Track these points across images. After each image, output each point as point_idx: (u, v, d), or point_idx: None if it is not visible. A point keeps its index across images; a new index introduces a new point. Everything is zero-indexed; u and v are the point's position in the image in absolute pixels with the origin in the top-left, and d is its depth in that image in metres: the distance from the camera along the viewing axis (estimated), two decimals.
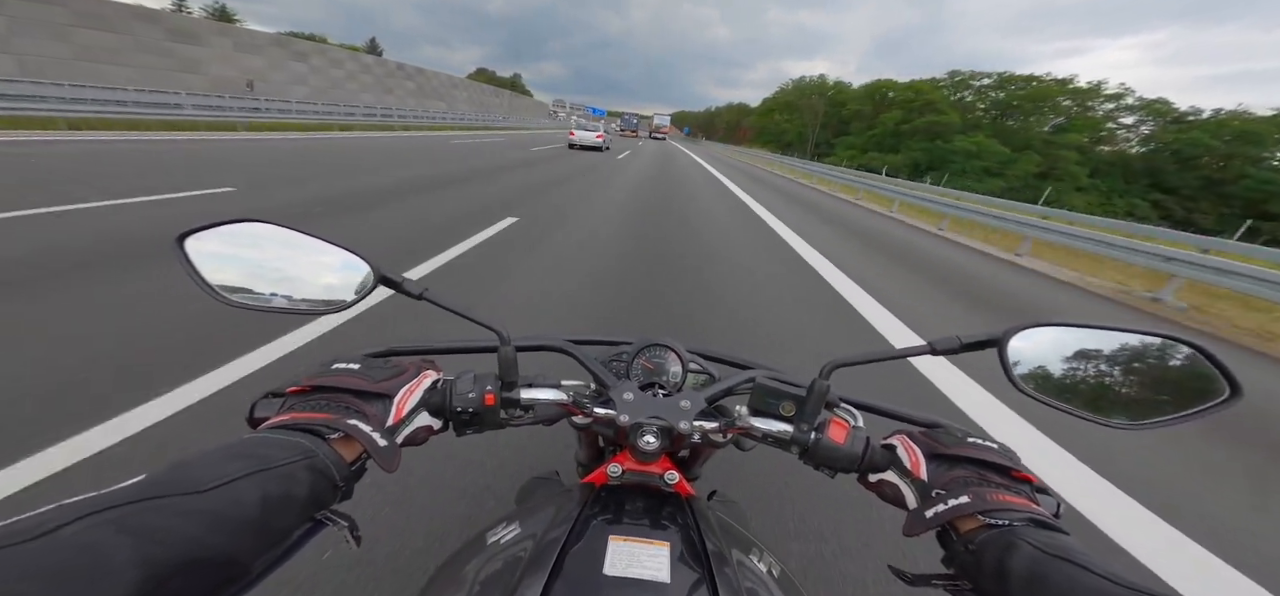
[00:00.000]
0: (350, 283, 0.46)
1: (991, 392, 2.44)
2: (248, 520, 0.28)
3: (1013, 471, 0.41)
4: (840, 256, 5.55)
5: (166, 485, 0.26)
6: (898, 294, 4.36)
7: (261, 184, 6.03)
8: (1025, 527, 0.35)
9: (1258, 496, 2.03)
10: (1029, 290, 5.63)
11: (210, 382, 1.85)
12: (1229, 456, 2.32)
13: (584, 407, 0.49)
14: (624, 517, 0.45)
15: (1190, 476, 2.08)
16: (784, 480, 1.64)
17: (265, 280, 0.44)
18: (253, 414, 0.42)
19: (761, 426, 0.49)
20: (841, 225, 8.60)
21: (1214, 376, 0.39)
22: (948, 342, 0.42)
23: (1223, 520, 1.81)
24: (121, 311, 2.35)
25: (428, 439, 0.47)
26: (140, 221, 3.87)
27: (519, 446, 1.66)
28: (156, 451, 1.51)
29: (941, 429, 0.47)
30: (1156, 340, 0.41)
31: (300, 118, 15.97)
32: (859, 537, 1.45)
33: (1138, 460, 2.09)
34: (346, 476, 0.37)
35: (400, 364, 0.47)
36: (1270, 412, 2.93)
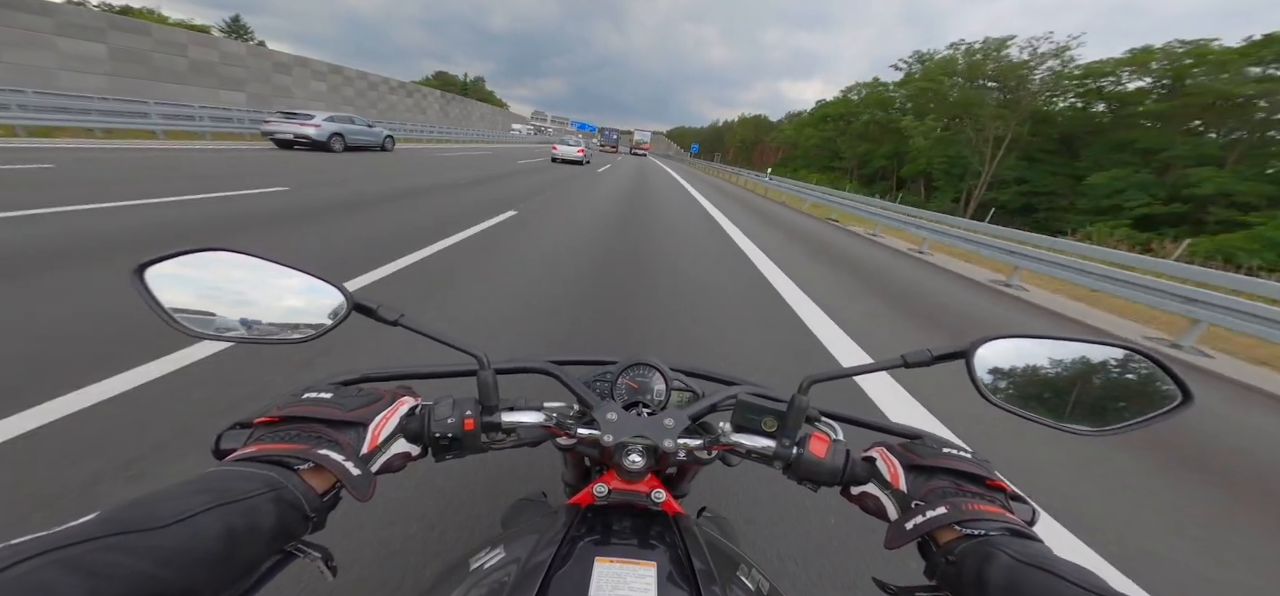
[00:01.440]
0: (323, 310, 0.45)
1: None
2: (209, 554, 0.27)
3: (988, 480, 0.42)
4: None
5: (122, 522, 0.25)
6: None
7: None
8: (1001, 537, 0.36)
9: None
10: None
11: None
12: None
13: (568, 429, 0.49)
14: (611, 538, 0.44)
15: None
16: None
17: (232, 310, 0.43)
18: (218, 446, 0.40)
19: (745, 442, 0.50)
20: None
21: (1167, 383, 0.41)
22: (919, 355, 0.44)
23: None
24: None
25: (405, 465, 0.46)
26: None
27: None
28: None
29: (919, 440, 0.48)
30: (1115, 350, 0.43)
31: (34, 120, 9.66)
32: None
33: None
34: (318, 507, 0.36)
35: (376, 390, 0.46)
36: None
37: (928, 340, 3.67)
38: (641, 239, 6.08)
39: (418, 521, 1.38)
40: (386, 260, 3.72)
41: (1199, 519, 1.97)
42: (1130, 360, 0.43)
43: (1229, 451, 2.63)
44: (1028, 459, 2.16)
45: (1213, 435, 2.76)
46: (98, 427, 1.59)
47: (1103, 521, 1.82)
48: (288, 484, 0.34)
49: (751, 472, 1.66)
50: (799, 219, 11.85)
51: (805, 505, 1.58)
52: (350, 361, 2.15)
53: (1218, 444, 2.68)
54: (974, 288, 6.38)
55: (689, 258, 5.39)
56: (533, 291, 3.54)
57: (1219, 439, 2.74)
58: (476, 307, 3.15)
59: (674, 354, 2.68)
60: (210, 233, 4.10)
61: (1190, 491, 2.16)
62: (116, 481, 1.39)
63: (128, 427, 1.60)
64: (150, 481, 1.45)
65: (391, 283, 3.39)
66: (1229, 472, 2.38)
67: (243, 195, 5.67)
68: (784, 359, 2.93)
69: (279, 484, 0.33)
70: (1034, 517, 0.41)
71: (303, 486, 0.35)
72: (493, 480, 1.55)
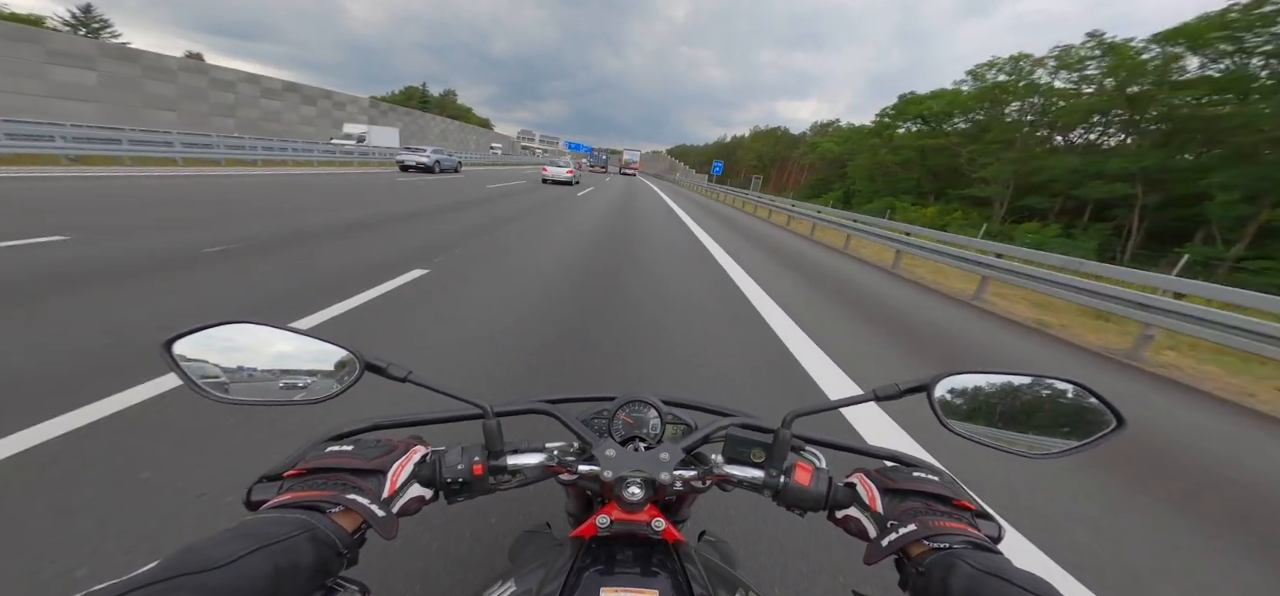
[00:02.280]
0: (336, 372, 0.49)
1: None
2: (258, 592, 0.30)
3: (955, 500, 0.46)
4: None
5: (181, 566, 0.29)
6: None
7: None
8: (964, 550, 0.40)
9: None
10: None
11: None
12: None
13: (569, 466, 0.52)
14: (615, 567, 0.46)
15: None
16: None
17: (254, 377, 0.46)
18: (249, 497, 0.44)
19: (736, 473, 0.53)
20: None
21: (1103, 411, 0.46)
22: (888, 389, 0.48)
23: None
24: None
25: (420, 509, 0.49)
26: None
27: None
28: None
29: (896, 465, 0.52)
30: (1057, 383, 0.48)
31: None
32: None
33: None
34: (349, 544, 0.40)
35: (390, 441, 0.50)
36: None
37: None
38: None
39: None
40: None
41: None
42: (1072, 391, 0.48)
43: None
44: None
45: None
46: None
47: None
48: (320, 525, 0.37)
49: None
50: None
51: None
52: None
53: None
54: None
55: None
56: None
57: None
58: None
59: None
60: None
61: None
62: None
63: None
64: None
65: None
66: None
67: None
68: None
69: (313, 526, 0.37)
70: (1000, 533, 0.45)
71: (334, 526, 0.39)
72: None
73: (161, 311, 3.02)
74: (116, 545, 1.34)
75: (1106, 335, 5.71)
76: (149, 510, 1.47)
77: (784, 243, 11.16)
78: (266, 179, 11.42)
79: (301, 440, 0.49)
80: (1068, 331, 5.71)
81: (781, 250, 9.60)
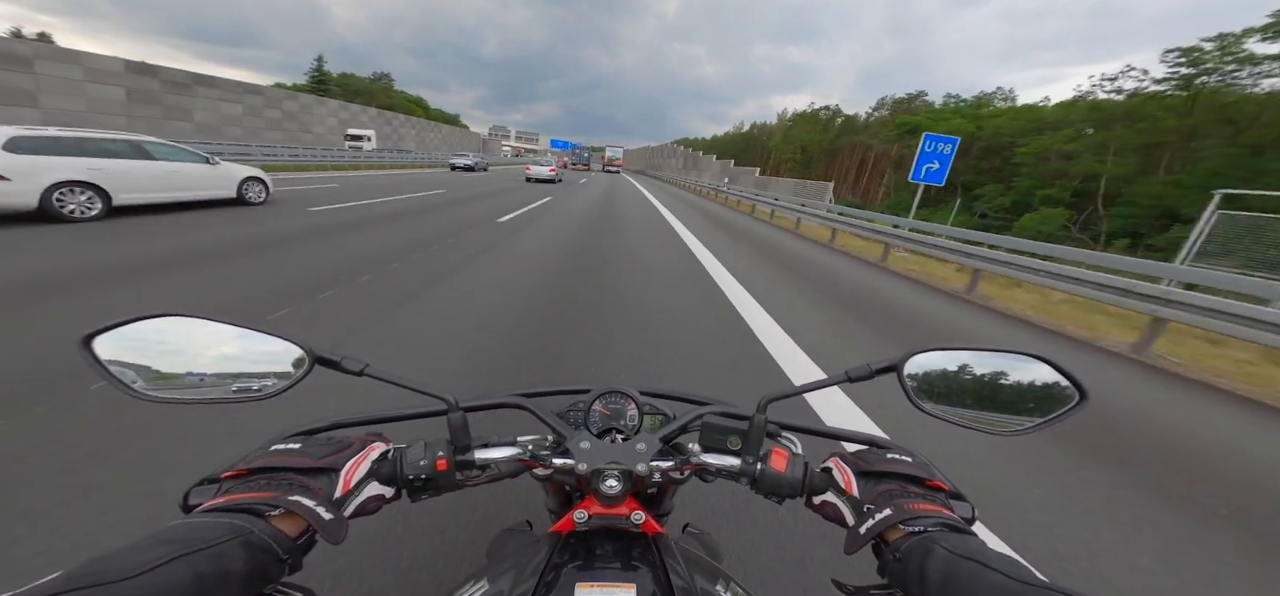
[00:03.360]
0: (284, 366, 0.46)
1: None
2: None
3: (928, 481, 0.46)
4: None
5: (87, 577, 0.26)
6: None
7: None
8: (939, 533, 0.40)
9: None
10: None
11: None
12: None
13: (543, 460, 0.50)
14: (593, 563, 0.46)
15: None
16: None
17: (189, 373, 0.43)
18: (186, 502, 0.41)
19: (713, 462, 0.52)
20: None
21: (1066, 385, 0.47)
22: (860, 370, 0.48)
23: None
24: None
25: (380, 508, 0.47)
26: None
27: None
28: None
29: (870, 448, 0.52)
30: (1021, 357, 0.49)
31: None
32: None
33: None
34: (291, 549, 0.37)
35: (345, 438, 0.47)
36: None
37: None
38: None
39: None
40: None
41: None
42: (1032, 364, 0.48)
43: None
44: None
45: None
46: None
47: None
48: (255, 529, 0.35)
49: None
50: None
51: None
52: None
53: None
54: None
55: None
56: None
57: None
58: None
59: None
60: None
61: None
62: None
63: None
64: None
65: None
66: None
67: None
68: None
69: (246, 529, 0.34)
70: (973, 515, 0.45)
71: (272, 531, 0.36)
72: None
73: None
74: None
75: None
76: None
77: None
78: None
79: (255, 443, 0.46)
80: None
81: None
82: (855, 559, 0.45)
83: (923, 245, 7.64)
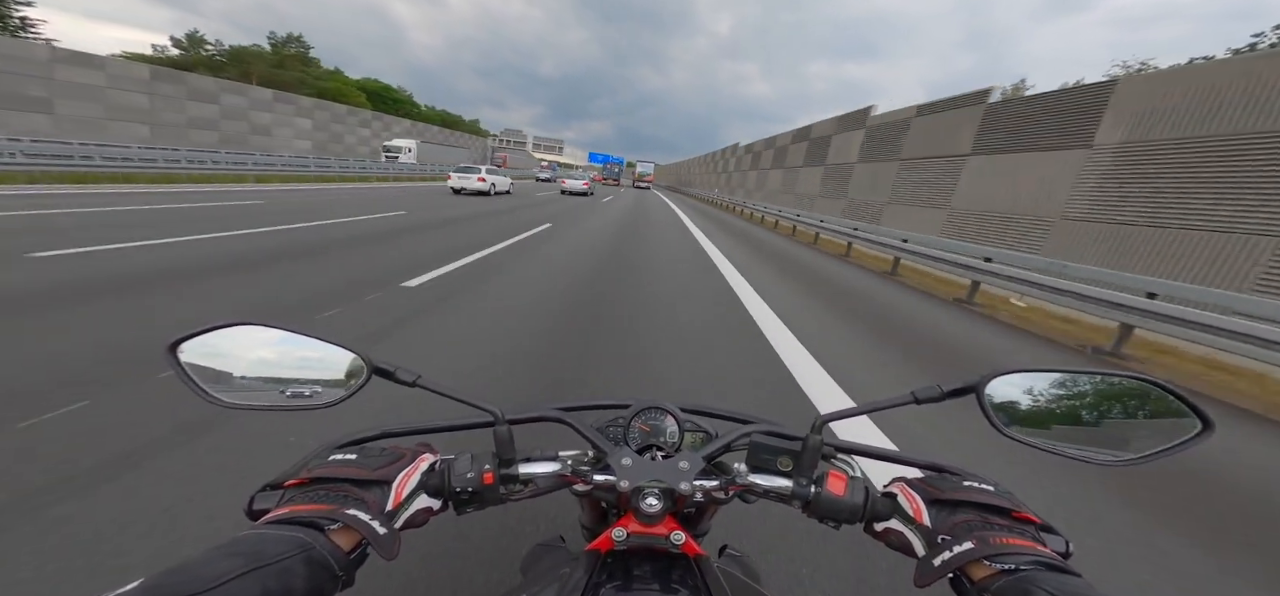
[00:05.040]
0: (344, 375, 0.48)
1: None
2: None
3: (1014, 513, 0.41)
4: None
5: (163, 589, 0.27)
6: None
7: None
8: (1037, 572, 0.35)
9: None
10: None
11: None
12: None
13: (583, 476, 0.49)
14: (633, 584, 0.44)
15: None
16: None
17: (260, 380, 0.46)
18: (252, 506, 0.42)
19: (762, 483, 0.50)
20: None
21: (1184, 412, 0.41)
22: (929, 391, 0.44)
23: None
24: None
25: (428, 520, 0.47)
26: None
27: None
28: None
29: (940, 474, 0.48)
30: (1125, 379, 0.43)
31: None
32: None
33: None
34: (346, 566, 0.38)
35: (397, 449, 0.48)
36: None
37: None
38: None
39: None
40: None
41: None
42: (1144, 388, 0.42)
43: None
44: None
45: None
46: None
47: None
48: (316, 545, 0.35)
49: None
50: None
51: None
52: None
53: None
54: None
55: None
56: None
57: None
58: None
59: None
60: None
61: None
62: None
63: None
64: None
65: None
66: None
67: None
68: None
69: (309, 545, 0.35)
70: (1068, 550, 0.40)
71: (330, 546, 0.36)
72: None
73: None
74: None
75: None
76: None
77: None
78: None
79: (309, 448, 0.47)
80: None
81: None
82: (924, 593, 0.40)
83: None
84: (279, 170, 16.01)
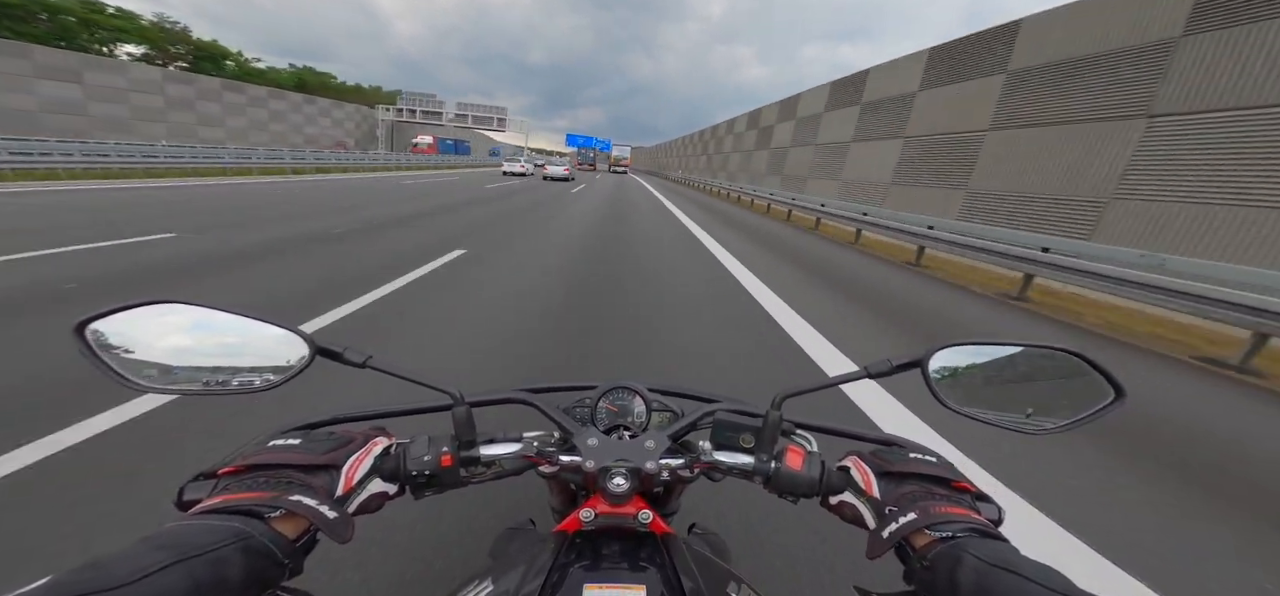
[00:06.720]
0: (284, 357, 0.44)
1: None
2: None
3: (954, 482, 0.44)
4: None
5: (74, 585, 0.25)
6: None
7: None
8: (969, 539, 0.37)
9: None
10: None
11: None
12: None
13: (549, 457, 0.49)
14: (600, 563, 0.44)
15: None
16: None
17: (185, 363, 0.42)
18: (181, 498, 0.39)
19: (725, 460, 0.51)
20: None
21: (1101, 382, 0.44)
22: (880, 365, 0.46)
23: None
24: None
25: (383, 505, 0.46)
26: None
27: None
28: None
29: (890, 447, 0.50)
30: (1051, 353, 0.47)
31: None
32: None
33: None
34: (292, 553, 0.36)
35: (347, 433, 0.46)
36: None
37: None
38: None
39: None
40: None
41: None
42: (1064, 359, 0.46)
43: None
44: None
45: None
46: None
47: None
48: (254, 533, 0.33)
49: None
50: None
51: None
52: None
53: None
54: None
55: None
56: None
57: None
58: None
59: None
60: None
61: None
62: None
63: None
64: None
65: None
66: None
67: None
68: None
69: (245, 533, 0.33)
70: (1000, 516, 0.43)
71: (272, 533, 0.35)
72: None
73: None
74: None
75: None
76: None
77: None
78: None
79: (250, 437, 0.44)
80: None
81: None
82: (878, 565, 0.43)
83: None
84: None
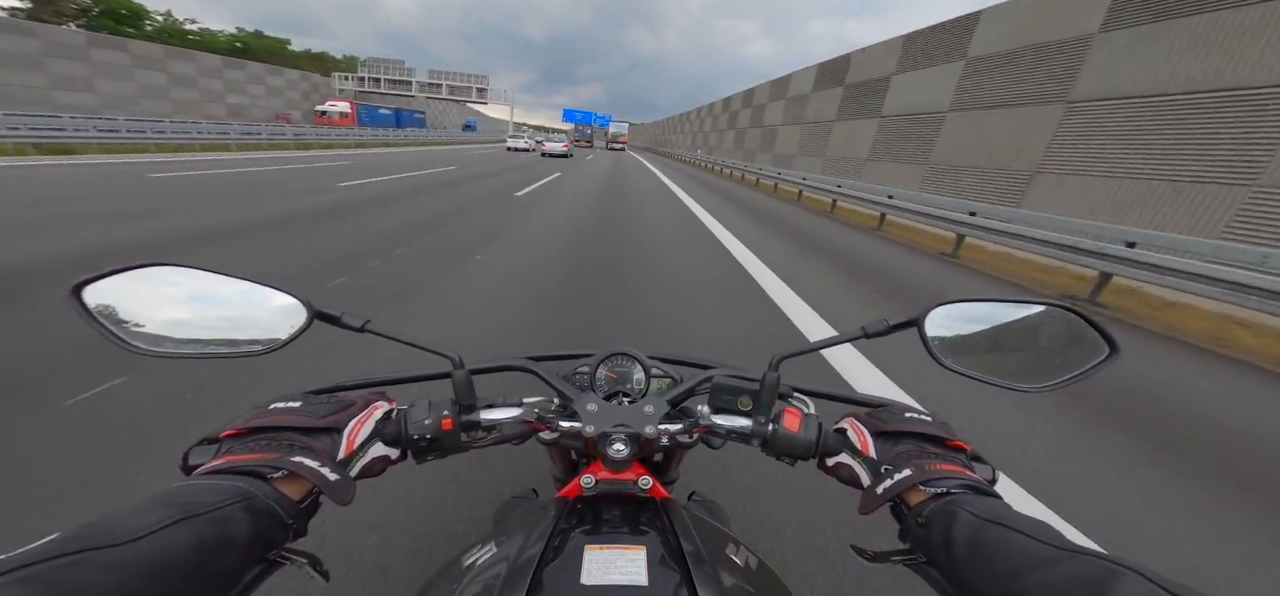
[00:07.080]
0: (282, 321, 0.44)
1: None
2: (180, 566, 0.27)
3: (949, 441, 0.45)
4: None
5: (83, 540, 0.25)
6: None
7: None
8: (963, 495, 0.38)
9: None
10: None
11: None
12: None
13: (549, 423, 0.49)
14: (601, 527, 0.45)
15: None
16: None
17: (184, 326, 0.42)
18: (186, 462, 0.40)
19: (723, 423, 0.51)
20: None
21: (1095, 338, 0.45)
22: (877, 325, 0.46)
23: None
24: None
25: (385, 469, 0.46)
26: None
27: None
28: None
29: (885, 407, 0.51)
30: (1046, 309, 0.46)
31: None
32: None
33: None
34: (295, 514, 0.37)
35: (347, 398, 0.46)
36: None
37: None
38: None
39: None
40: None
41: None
42: (1060, 316, 0.46)
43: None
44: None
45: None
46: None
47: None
48: (258, 493, 0.34)
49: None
50: None
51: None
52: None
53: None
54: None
55: None
56: None
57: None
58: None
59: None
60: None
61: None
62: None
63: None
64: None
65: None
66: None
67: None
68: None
69: (249, 493, 0.33)
70: (994, 476, 0.44)
71: (276, 494, 0.35)
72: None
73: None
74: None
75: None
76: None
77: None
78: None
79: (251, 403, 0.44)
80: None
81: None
82: (873, 525, 0.44)
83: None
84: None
